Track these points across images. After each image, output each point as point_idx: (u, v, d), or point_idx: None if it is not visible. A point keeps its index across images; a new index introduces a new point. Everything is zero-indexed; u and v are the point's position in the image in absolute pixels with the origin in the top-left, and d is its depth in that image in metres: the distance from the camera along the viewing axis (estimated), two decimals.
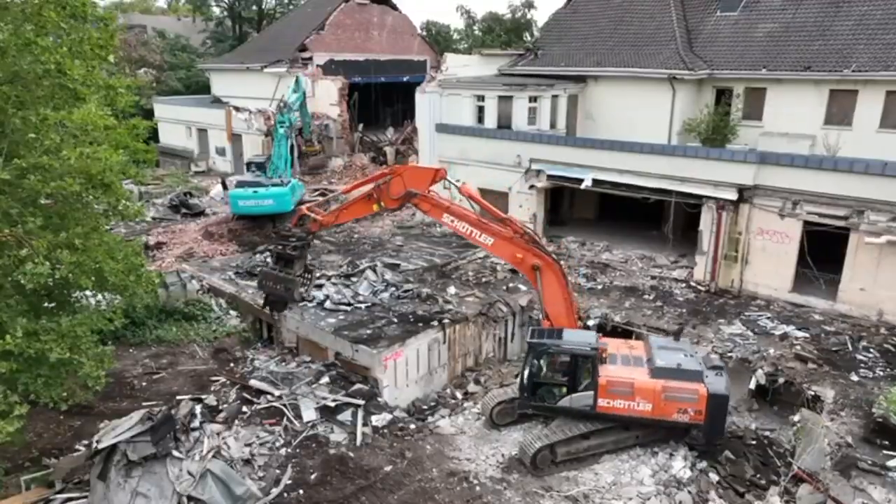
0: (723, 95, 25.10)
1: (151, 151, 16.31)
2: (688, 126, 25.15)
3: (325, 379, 16.78)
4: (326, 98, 39.82)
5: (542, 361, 13.91)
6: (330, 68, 41.95)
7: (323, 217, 15.90)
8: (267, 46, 44.02)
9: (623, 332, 19.26)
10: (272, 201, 26.38)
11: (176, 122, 44.19)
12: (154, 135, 46.56)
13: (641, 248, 24.34)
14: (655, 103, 25.39)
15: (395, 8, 45.89)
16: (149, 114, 47.01)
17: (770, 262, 19.65)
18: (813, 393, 15.09)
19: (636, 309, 19.75)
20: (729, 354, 16.83)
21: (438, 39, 58.20)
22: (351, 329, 17.87)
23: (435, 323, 18.27)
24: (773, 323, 18.32)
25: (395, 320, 18.48)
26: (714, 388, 13.69)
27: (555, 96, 26.56)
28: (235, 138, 39.59)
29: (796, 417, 14.92)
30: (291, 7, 56.86)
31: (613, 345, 14.91)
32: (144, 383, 17.03)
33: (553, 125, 26.74)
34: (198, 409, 14.42)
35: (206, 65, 48.77)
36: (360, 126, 42.43)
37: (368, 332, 17.71)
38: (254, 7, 59.50)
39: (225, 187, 32.28)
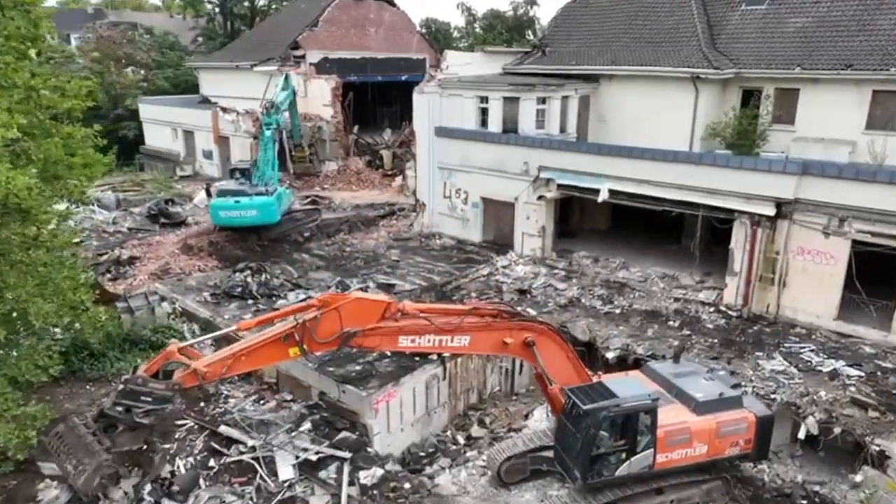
0: (751, 97, 22.83)
1: (101, 162, 14.27)
2: (712, 130, 22.90)
3: (307, 425, 14.55)
4: (319, 98, 37.65)
5: (602, 429, 11.26)
6: (324, 67, 39.74)
7: (207, 367, 10.83)
8: (258, 44, 41.82)
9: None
10: (256, 212, 24.17)
11: (161, 123, 42.00)
12: (140, 136, 44.43)
13: (661, 264, 22.10)
14: (676, 105, 23.14)
15: (392, 4, 43.70)
16: (134, 114, 44.91)
17: (812, 286, 17.41)
18: (878, 448, 12.85)
19: (661, 338, 17.51)
20: (772, 396, 14.59)
21: (438, 37, 56.02)
22: (338, 364, 15.63)
23: (434, 356, 16.05)
24: (818, 357, 16.08)
25: (389, 353, 16.24)
26: (758, 410, 12.37)
27: (565, 97, 24.30)
28: (223, 141, 37.43)
29: (858, 477, 12.76)
30: (285, 3, 54.55)
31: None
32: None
33: (563, 129, 24.48)
34: (145, 490, 11.93)
35: (194, 63, 46.51)
36: (356, 128, 40.21)
37: (358, 368, 15.49)
38: (246, 3, 57.22)
39: (209, 194, 30.03)
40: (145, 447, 12.01)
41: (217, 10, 56.94)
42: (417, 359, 15.95)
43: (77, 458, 9.99)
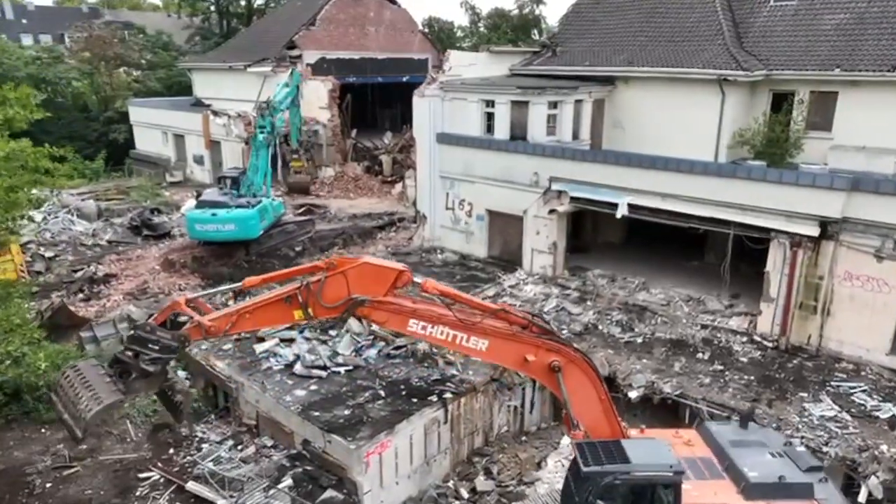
0: (783, 101, 20.82)
1: (56, 176, 12.79)
2: (740, 138, 20.93)
3: (288, 480, 12.67)
4: (316, 101, 35.72)
5: (605, 499, 9.22)
6: (321, 67, 37.94)
7: (210, 322, 10.34)
8: (253, 44, 40.04)
9: (672, 406, 15.18)
10: (234, 226, 22.22)
11: (151, 126, 40.18)
12: (131, 140, 42.63)
13: (684, 284, 20.14)
14: (700, 110, 21.17)
15: (393, 2, 41.90)
16: (125, 117, 43.10)
17: (861, 316, 15.45)
18: None
19: (690, 374, 15.57)
20: (824, 449, 12.64)
21: (441, 37, 54.17)
22: (324, 407, 13.76)
23: (434, 398, 14.15)
24: (872, 399, 14.12)
25: (383, 393, 14.36)
26: None
27: (578, 101, 22.35)
28: (214, 145, 35.62)
29: None
30: (283, 1, 52.74)
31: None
32: (49, 484, 12.90)
33: (576, 135, 22.54)
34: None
35: (187, 63, 44.68)
36: (354, 132, 38.32)
37: (346, 412, 13.59)
38: (242, 2, 55.39)
39: None
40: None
41: (212, 8, 55.12)
42: (415, 400, 14.08)
43: (93, 392, 9.85)
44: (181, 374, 16.41)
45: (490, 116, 22.46)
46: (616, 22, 25.18)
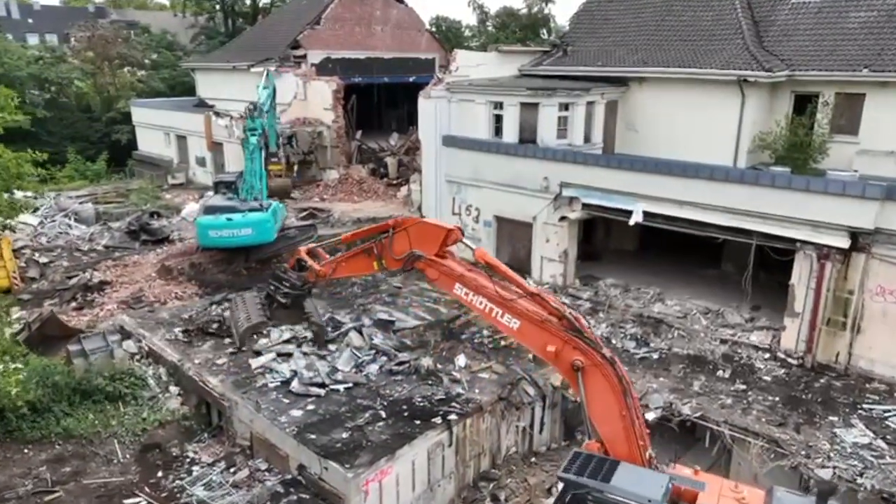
0: (808, 103, 19.82)
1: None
2: (761, 142, 19.97)
3: None
4: (320, 102, 34.97)
5: None
6: (326, 67, 37.09)
7: (320, 268, 13.68)
8: (257, 43, 39.27)
9: (690, 428, 14.28)
10: (251, 230, 21.37)
11: (154, 127, 39.54)
12: (134, 141, 42.07)
13: (701, 295, 19.22)
14: (718, 113, 20.25)
15: (400, 1, 40.95)
16: (128, 117, 42.51)
17: (893, 333, 14.47)
18: None
19: (710, 394, 14.66)
20: (858, 480, 11.71)
21: (448, 36, 53.40)
22: (321, 430, 12.95)
23: (438, 419, 13.32)
24: None
25: (384, 414, 13.54)
26: None
27: (590, 103, 21.44)
28: (216, 147, 34.89)
29: None
30: (289, 0, 52.02)
31: (713, 490, 9.62)
32: None
33: (588, 139, 21.65)
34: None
35: (190, 63, 44.02)
36: (359, 133, 37.51)
37: (345, 435, 12.78)
38: (248, 0, 54.74)
39: None
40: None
41: (218, 7, 54.51)
42: (418, 422, 13.25)
43: (247, 314, 15.36)
44: (173, 389, 15.70)
45: (498, 119, 21.63)
46: (629, 20, 24.27)
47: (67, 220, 26.59)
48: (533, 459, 15.16)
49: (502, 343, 16.84)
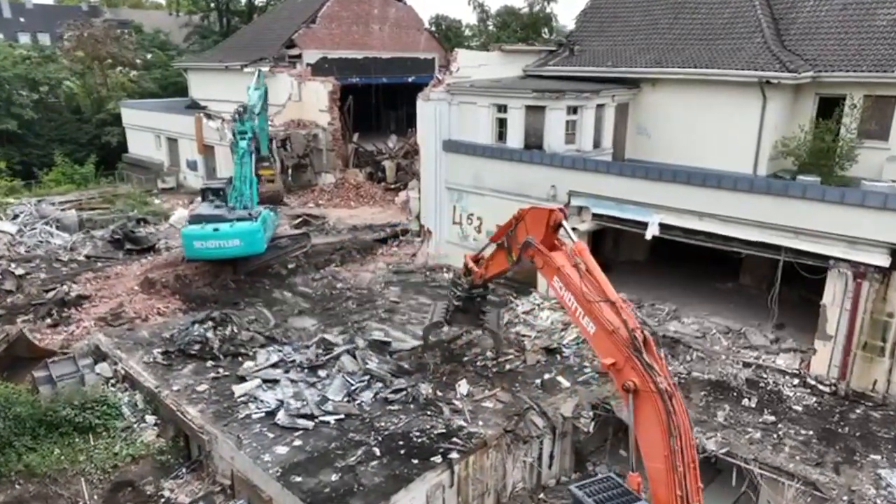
0: (834, 106, 18.53)
1: None
2: (784, 147, 18.69)
3: None
4: (315, 103, 33.69)
5: None
6: (322, 67, 35.86)
7: (478, 270, 14.30)
8: (250, 42, 38.02)
9: (713, 460, 13.00)
10: (239, 241, 20.15)
11: (144, 129, 38.24)
12: (124, 143, 40.76)
13: (720, 312, 17.93)
14: (737, 117, 18.97)
15: None
16: (118, 119, 41.22)
17: None
18: None
19: (736, 426, 13.37)
20: None
21: (449, 36, 52.17)
22: (308, 470, 11.67)
23: (438, 458, 12.04)
24: None
25: (378, 451, 12.25)
26: None
27: (600, 106, 20.16)
28: (208, 150, 33.59)
29: None
30: None
31: None
32: None
33: (597, 144, 20.36)
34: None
35: (182, 63, 42.71)
36: (356, 136, 36.23)
37: (334, 477, 11.50)
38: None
39: None
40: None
41: (212, 5, 53.21)
42: (416, 461, 11.96)
43: (431, 315, 15.62)
44: (149, 419, 14.41)
45: (502, 123, 20.32)
46: (640, 18, 22.96)
47: (48, 228, 25.29)
48: (541, 496, 13.89)
49: (507, 367, 15.58)
